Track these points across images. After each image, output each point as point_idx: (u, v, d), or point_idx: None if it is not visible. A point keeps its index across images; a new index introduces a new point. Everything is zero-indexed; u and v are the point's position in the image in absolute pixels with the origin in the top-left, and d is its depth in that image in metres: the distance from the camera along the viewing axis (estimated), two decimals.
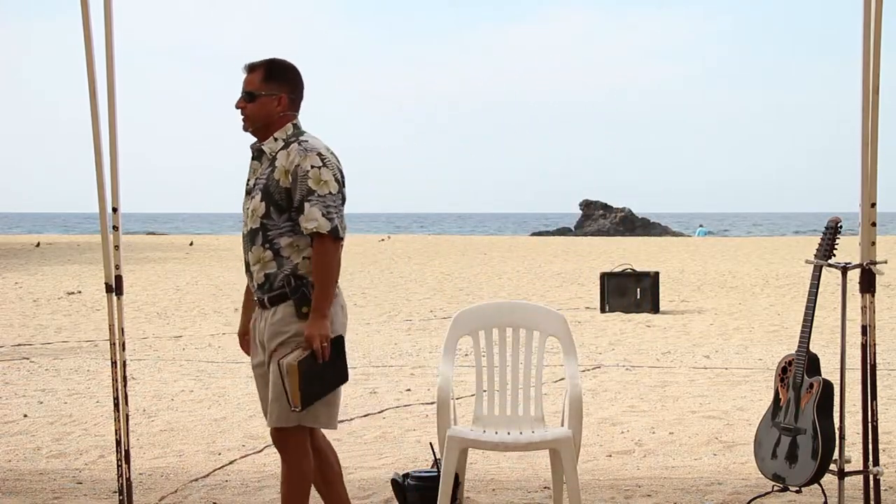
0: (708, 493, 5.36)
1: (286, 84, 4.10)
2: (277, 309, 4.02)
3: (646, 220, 54.51)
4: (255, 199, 4.04)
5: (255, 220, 4.02)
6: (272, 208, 4.00)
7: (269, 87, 4.06)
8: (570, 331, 5.04)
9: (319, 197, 3.94)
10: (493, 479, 5.67)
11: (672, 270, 22.46)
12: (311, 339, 3.91)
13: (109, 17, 4.79)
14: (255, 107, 4.06)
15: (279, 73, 4.10)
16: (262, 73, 4.07)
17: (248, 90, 4.07)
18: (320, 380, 3.94)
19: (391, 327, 13.00)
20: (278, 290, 4.01)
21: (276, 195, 3.99)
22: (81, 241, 37.62)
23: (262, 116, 4.07)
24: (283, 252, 4.01)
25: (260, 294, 4.07)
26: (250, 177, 4.14)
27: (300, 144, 4.01)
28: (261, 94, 4.05)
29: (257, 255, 4.03)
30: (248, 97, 4.07)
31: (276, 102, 4.07)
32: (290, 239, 4.01)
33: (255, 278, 4.08)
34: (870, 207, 4.57)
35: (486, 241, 42.22)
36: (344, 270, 3.71)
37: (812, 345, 4.91)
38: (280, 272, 4.01)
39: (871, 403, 4.66)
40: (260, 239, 4.02)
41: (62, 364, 9.96)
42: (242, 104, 4.08)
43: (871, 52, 4.49)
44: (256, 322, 4.14)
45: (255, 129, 4.10)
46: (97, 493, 5.45)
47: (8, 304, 15.80)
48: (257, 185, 4.06)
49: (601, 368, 9.63)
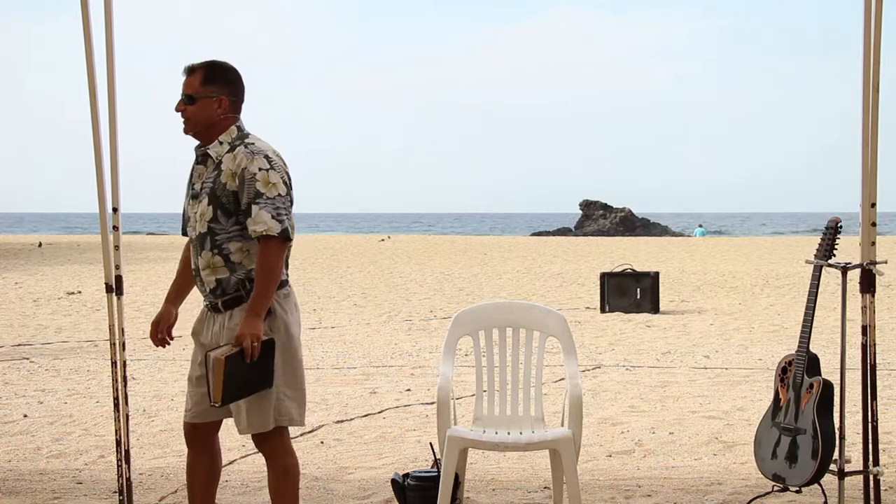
0: (708, 493, 5.36)
1: (226, 86, 4.09)
2: (233, 313, 4.02)
3: (646, 220, 54.51)
4: (202, 203, 4.02)
5: (203, 225, 4.01)
6: (219, 212, 3.98)
7: (209, 89, 4.05)
8: (570, 331, 5.04)
9: (268, 199, 3.93)
10: (493, 479, 5.67)
11: (672, 270, 22.47)
12: (242, 338, 3.88)
13: (110, 18, 4.79)
14: (196, 109, 4.05)
15: (219, 74, 4.09)
16: (202, 75, 4.06)
17: (187, 93, 4.05)
18: (244, 379, 3.92)
19: (391, 327, 13.00)
20: (232, 294, 4.02)
21: (223, 198, 3.98)
22: (81, 241, 37.62)
23: (203, 119, 4.06)
24: (234, 258, 4.00)
25: (212, 298, 4.06)
26: (195, 181, 4.10)
27: (246, 147, 4.00)
28: (200, 96, 4.04)
29: (207, 260, 4.02)
30: (189, 100, 4.05)
31: (216, 104, 4.06)
32: (239, 244, 4.00)
33: (205, 283, 4.05)
34: (870, 207, 4.57)
35: (486, 241, 42.23)
36: (344, 270, 3.72)
37: (812, 345, 4.91)
38: (233, 277, 4.01)
39: (871, 403, 4.66)
40: (208, 243, 4.01)
41: (62, 364, 9.96)
42: (182, 107, 4.06)
43: (871, 52, 4.50)
44: (206, 325, 4.13)
45: (197, 131, 4.09)
46: (97, 493, 5.46)
47: (8, 304, 15.80)
48: (204, 189, 4.03)
49: (601, 368, 9.63)
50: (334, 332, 12.42)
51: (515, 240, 44.33)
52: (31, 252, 29.98)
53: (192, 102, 4.05)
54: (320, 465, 6.03)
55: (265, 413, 4.01)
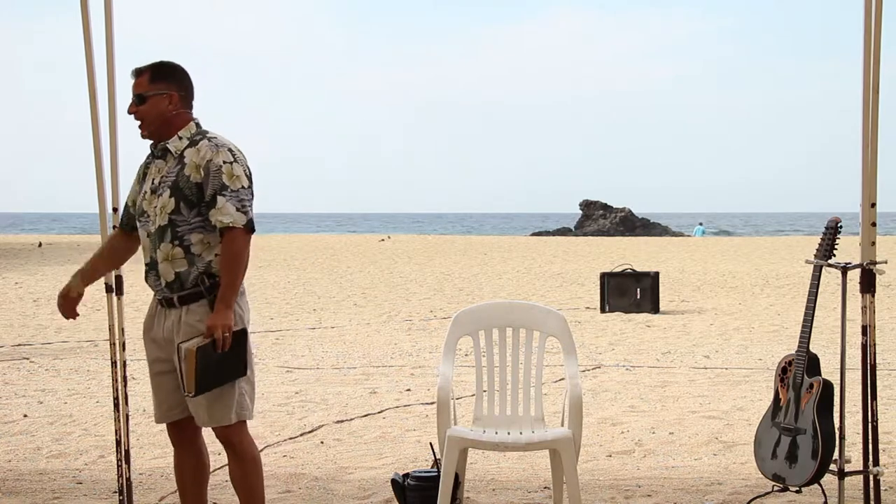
0: (708, 493, 5.36)
1: (174, 82, 4.13)
2: (190, 308, 4.04)
3: (646, 220, 54.49)
4: (162, 196, 4.04)
5: (163, 217, 4.03)
6: (182, 203, 4.01)
7: (158, 86, 4.08)
8: (570, 331, 5.04)
9: (233, 192, 3.99)
10: (493, 479, 5.67)
11: (672, 270, 22.47)
12: (214, 328, 3.93)
13: (110, 18, 4.79)
14: (147, 108, 4.07)
15: (166, 73, 4.12)
16: (149, 75, 4.09)
17: (137, 93, 4.08)
18: (217, 369, 3.97)
19: (391, 327, 13.00)
20: (190, 289, 4.04)
21: (185, 190, 4.01)
22: (81, 241, 37.61)
23: (156, 116, 4.08)
24: (194, 249, 4.03)
25: (168, 293, 4.06)
26: (154, 176, 4.11)
27: (209, 140, 4.06)
28: (150, 94, 4.07)
29: (166, 252, 4.03)
30: (139, 100, 4.07)
31: (167, 101, 4.09)
32: (200, 235, 4.03)
33: (162, 276, 4.05)
34: (870, 207, 4.57)
35: (486, 241, 42.22)
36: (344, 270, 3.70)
37: (812, 345, 4.91)
38: (192, 270, 4.03)
39: (871, 403, 4.66)
40: (169, 235, 4.03)
41: (62, 364, 9.96)
42: (134, 108, 4.08)
43: (871, 52, 4.49)
44: (157, 321, 4.14)
45: (152, 131, 4.10)
46: (97, 493, 5.45)
47: (8, 304, 15.80)
48: (164, 183, 4.05)
49: (601, 368, 9.63)
50: (334, 332, 12.42)
51: (515, 240, 44.32)
52: (31, 252, 29.98)
53: (142, 102, 4.07)
54: (320, 465, 6.03)
55: (227, 407, 4.08)
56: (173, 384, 4.13)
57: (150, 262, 4.10)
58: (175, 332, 4.05)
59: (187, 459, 4.30)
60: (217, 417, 4.08)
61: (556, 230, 55.82)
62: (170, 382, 4.14)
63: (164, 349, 4.12)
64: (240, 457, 4.18)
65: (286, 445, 6.53)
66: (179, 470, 4.32)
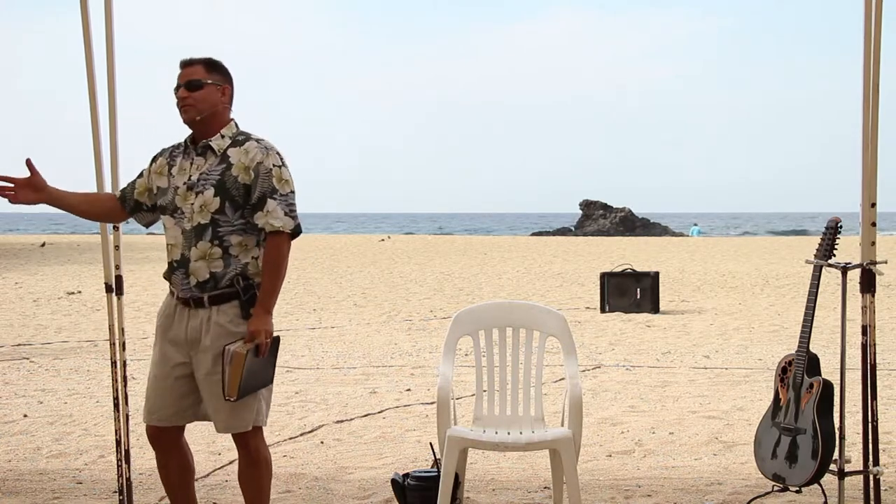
0: (708, 493, 5.36)
1: (228, 77, 4.12)
2: (221, 308, 3.99)
3: (646, 220, 54.50)
4: (205, 193, 3.99)
5: (204, 216, 3.98)
6: (227, 204, 3.98)
7: (214, 77, 4.06)
8: (570, 331, 5.04)
9: (282, 196, 3.99)
10: (493, 479, 5.67)
11: (672, 270, 22.47)
12: (257, 334, 3.92)
13: (110, 18, 4.79)
14: (202, 95, 4.02)
15: (220, 66, 4.11)
16: (204, 65, 4.06)
17: (193, 79, 4.02)
18: (256, 375, 3.96)
19: (391, 327, 13.00)
20: (224, 289, 3.99)
21: (233, 191, 3.98)
22: (81, 241, 37.61)
23: (209, 105, 4.04)
24: (233, 250, 4.00)
25: (197, 292, 4.00)
26: (190, 172, 4.05)
27: (258, 143, 4.04)
28: (207, 82, 4.03)
29: (203, 251, 3.99)
30: (195, 86, 4.02)
31: (220, 93, 4.07)
32: (240, 237, 4.00)
33: (193, 274, 4.00)
34: (870, 207, 4.56)
35: (486, 241, 42.22)
36: (344, 270, 3.73)
37: (812, 345, 4.91)
38: (227, 271, 3.99)
39: (871, 403, 4.66)
40: (209, 234, 3.98)
41: (62, 364, 9.95)
42: (186, 94, 4.02)
43: (871, 52, 4.49)
44: (177, 320, 4.06)
45: (202, 118, 4.03)
46: (97, 493, 5.45)
47: (8, 304, 15.80)
48: (206, 181, 4.00)
49: (601, 368, 9.62)
50: (334, 332, 12.42)
51: (515, 240, 44.31)
52: (31, 252, 29.98)
53: (198, 88, 4.02)
54: (320, 465, 6.03)
55: (249, 414, 4.04)
56: (187, 388, 4.07)
57: (180, 260, 4.02)
58: (203, 333, 3.99)
59: (174, 461, 4.24)
60: (237, 424, 4.04)
61: (556, 230, 55.84)
62: (184, 386, 4.07)
63: (183, 351, 4.04)
64: (254, 460, 4.15)
65: (286, 445, 6.53)
66: (166, 472, 4.26)
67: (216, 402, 4.00)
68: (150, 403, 4.13)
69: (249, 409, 4.04)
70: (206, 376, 4.00)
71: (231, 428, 4.04)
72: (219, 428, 4.07)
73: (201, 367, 4.00)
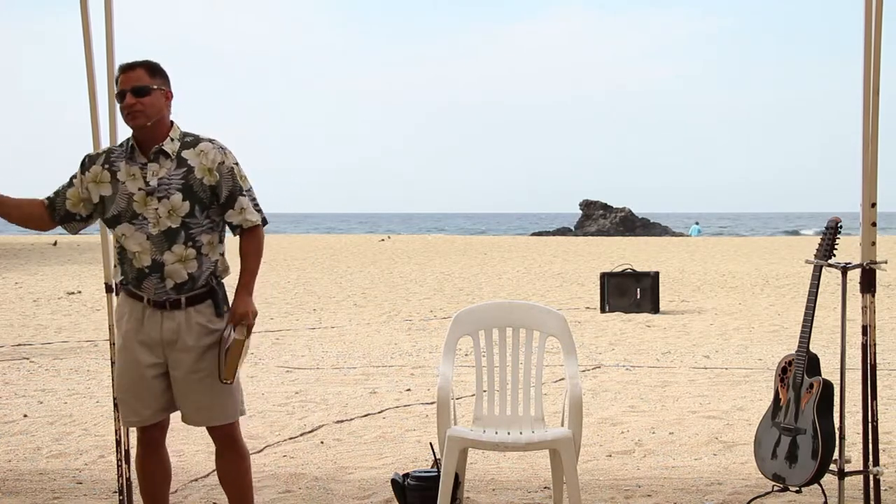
0: (708, 493, 5.36)
1: (168, 80, 4.13)
2: (198, 309, 4.07)
3: (646, 220, 54.49)
4: (171, 198, 4.00)
5: (174, 220, 4.01)
6: (196, 206, 4.03)
7: (157, 81, 4.06)
8: (570, 331, 5.04)
9: (247, 191, 4.14)
10: (493, 479, 5.67)
11: (672, 270, 22.47)
12: (245, 316, 4.04)
13: (110, 18, 4.79)
14: (150, 100, 4.01)
15: (161, 71, 4.10)
16: (147, 70, 4.05)
17: (139, 85, 4.00)
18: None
19: (391, 327, 13.00)
20: (200, 289, 4.07)
21: (200, 193, 4.04)
22: (81, 241, 37.62)
23: (157, 111, 4.04)
24: (204, 250, 4.07)
25: (173, 295, 4.04)
26: (147, 177, 4.03)
27: (212, 143, 4.11)
28: (153, 87, 4.03)
29: (179, 254, 4.03)
30: (142, 92, 4.00)
31: (164, 97, 4.08)
32: (209, 236, 4.09)
33: (169, 278, 4.03)
34: (870, 207, 4.57)
35: (486, 241, 42.22)
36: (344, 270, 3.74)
37: (812, 345, 4.91)
38: (203, 271, 4.08)
39: (871, 403, 4.66)
40: (182, 237, 4.03)
41: (62, 364, 9.96)
42: (135, 100, 3.99)
43: (871, 52, 4.49)
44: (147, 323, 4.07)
45: (150, 123, 4.02)
46: (97, 493, 5.46)
47: (8, 304, 15.80)
48: (168, 185, 4.01)
49: (601, 368, 9.63)
50: (334, 332, 12.42)
51: (515, 240, 44.32)
52: (31, 252, 30.00)
53: (146, 94, 4.01)
54: (320, 465, 6.03)
55: (237, 403, 4.17)
56: (161, 386, 4.11)
57: (153, 265, 4.04)
58: (181, 333, 4.05)
59: (158, 462, 4.27)
60: (230, 413, 4.14)
61: (556, 230, 55.81)
62: (159, 385, 4.11)
63: (157, 351, 4.08)
64: (240, 454, 4.23)
65: (286, 445, 6.53)
66: (150, 474, 4.26)
67: (199, 398, 4.08)
68: (127, 407, 4.18)
69: (235, 398, 4.15)
70: (188, 374, 4.07)
71: (223, 418, 4.13)
72: (199, 421, 4.14)
73: (181, 366, 4.07)
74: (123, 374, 4.16)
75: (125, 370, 4.15)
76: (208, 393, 4.09)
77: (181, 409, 4.16)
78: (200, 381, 4.08)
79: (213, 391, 4.09)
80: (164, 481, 4.32)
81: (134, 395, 4.14)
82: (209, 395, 4.08)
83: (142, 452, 4.27)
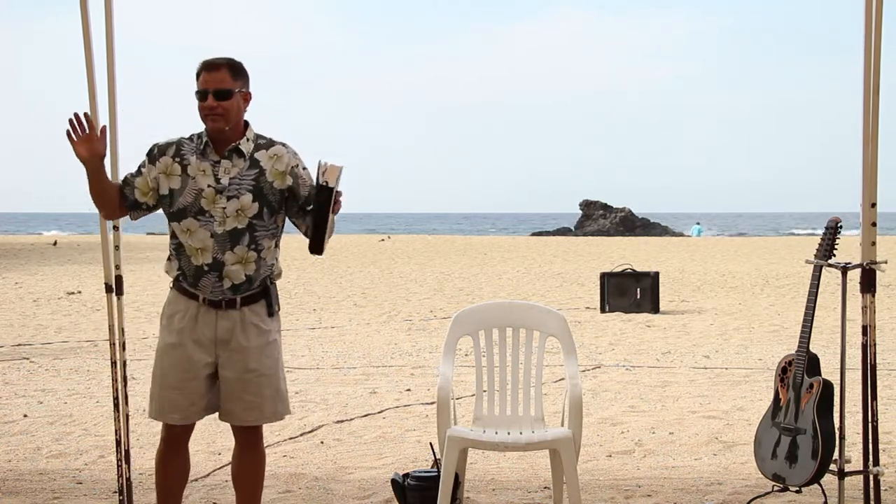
0: (708, 493, 5.36)
1: (248, 81, 4.09)
2: (252, 309, 4.08)
3: (646, 220, 54.52)
4: (241, 198, 3.99)
5: (241, 220, 4.00)
6: (265, 209, 4.03)
7: (238, 83, 4.02)
8: (570, 331, 5.04)
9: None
10: (493, 479, 5.67)
11: (672, 270, 22.47)
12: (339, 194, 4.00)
13: (110, 18, 4.79)
14: (231, 104, 3.98)
15: (243, 71, 4.06)
16: (229, 70, 4.00)
17: (221, 88, 3.95)
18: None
19: (391, 327, 13.00)
20: (255, 290, 4.08)
21: (269, 196, 4.03)
22: (81, 241, 37.61)
23: (237, 113, 4.02)
24: (264, 253, 4.07)
25: (230, 294, 4.04)
26: (219, 175, 4.00)
27: (285, 147, 4.10)
28: (235, 90, 3.99)
29: (241, 256, 4.02)
30: (224, 95, 3.96)
31: (242, 100, 4.05)
32: (270, 241, 4.09)
33: (228, 277, 4.02)
34: (870, 207, 4.57)
35: (486, 241, 42.22)
36: (344, 270, 3.74)
37: (812, 345, 4.91)
38: (260, 273, 4.08)
39: (871, 403, 4.66)
40: (246, 239, 4.02)
41: (62, 364, 9.96)
42: (216, 103, 3.94)
43: (871, 52, 4.50)
44: (200, 322, 4.06)
45: (231, 128, 4.00)
46: (97, 493, 5.45)
47: (8, 304, 15.80)
48: (239, 185, 3.99)
49: (601, 368, 9.63)
50: (334, 332, 12.42)
51: (515, 240, 44.32)
52: (31, 252, 29.99)
53: (228, 97, 3.96)
54: (320, 465, 6.03)
55: (286, 402, 4.19)
56: (207, 386, 4.10)
57: (213, 264, 4.01)
58: (236, 333, 4.05)
59: (180, 463, 4.28)
60: (279, 411, 4.17)
61: (556, 230, 55.84)
62: (206, 385, 4.10)
63: (210, 350, 4.07)
64: (262, 454, 4.26)
65: (286, 445, 6.53)
66: (171, 473, 4.26)
67: (252, 398, 4.07)
68: (172, 404, 4.12)
69: (283, 398, 4.16)
70: (242, 374, 4.06)
71: (265, 418, 4.13)
72: (248, 420, 4.12)
73: (234, 366, 4.06)
74: (173, 371, 4.10)
75: (175, 367, 4.10)
76: (260, 393, 4.08)
77: (226, 407, 4.12)
78: (253, 381, 4.07)
79: (265, 391, 4.09)
80: (182, 480, 4.32)
81: (182, 392, 4.10)
82: (261, 396, 4.08)
83: (164, 450, 4.25)
